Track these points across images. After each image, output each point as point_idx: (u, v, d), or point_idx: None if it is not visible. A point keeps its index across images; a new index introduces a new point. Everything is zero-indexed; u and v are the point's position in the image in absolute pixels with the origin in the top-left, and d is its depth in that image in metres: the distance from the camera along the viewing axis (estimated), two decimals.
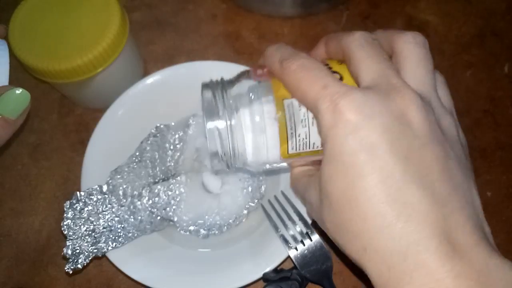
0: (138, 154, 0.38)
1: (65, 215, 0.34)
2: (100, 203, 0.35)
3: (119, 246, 0.34)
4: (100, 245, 0.34)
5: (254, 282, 0.34)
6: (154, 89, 0.40)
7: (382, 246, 0.20)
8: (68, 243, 0.33)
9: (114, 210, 0.35)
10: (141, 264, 0.34)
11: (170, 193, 0.36)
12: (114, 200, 0.35)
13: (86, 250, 0.33)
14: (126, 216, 0.35)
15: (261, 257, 0.34)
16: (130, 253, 0.35)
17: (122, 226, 0.35)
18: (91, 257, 0.34)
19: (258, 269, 0.33)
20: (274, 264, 0.34)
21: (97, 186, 0.35)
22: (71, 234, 0.33)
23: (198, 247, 0.37)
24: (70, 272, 0.33)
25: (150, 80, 0.40)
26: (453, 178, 0.20)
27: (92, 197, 0.35)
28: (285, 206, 0.36)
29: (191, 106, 0.39)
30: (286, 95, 0.24)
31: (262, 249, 0.35)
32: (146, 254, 0.35)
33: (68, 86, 0.40)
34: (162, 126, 0.39)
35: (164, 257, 0.35)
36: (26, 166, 0.43)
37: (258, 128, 0.24)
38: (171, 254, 0.36)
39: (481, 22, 0.48)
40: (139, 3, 0.50)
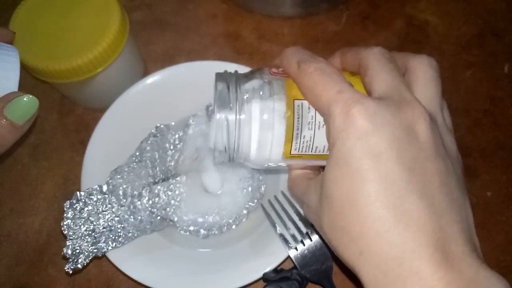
0: (138, 154, 0.38)
1: (65, 215, 0.34)
2: (100, 203, 0.35)
3: (119, 246, 0.34)
4: (100, 245, 0.34)
5: (254, 282, 0.34)
6: (154, 89, 0.40)
7: (378, 251, 0.20)
8: (68, 243, 0.33)
9: (114, 210, 0.35)
10: (141, 264, 0.34)
11: (170, 193, 0.36)
12: (114, 200, 0.35)
13: (86, 250, 0.33)
14: (126, 216, 0.35)
15: (261, 257, 0.34)
16: (130, 253, 0.35)
17: (122, 226, 0.35)
18: (91, 257, 0.34)
19: (258, 269, 0.34)
20: (274, 264, 0.34)
21: (97, 186, 0.35)
22: (71, 234, 0.33)
23: (198, 247, 0.37)
24: (70, 272, 0.33)
25: (150, 80, 0.40)
26: (451, 193, 0.21)
27: (92, 197, 0.35)
28: (285, 206, 0.36)
29: (191, 106, 0.39)
30: (297, 96, 0.24)
31: (262, 249, 0.35)
32: (146, 254, 0.35)
33: (68, 86, 0.40)
34: (162, 126, 0.39)
35: (164, 257, 0.35)
36: (26, 166, 0.43)
37: (266, 124, 0.24)
38: (171, 254, 0.36)
39: (481, 22, 0.48)
40: (139, 3, 0.50)
